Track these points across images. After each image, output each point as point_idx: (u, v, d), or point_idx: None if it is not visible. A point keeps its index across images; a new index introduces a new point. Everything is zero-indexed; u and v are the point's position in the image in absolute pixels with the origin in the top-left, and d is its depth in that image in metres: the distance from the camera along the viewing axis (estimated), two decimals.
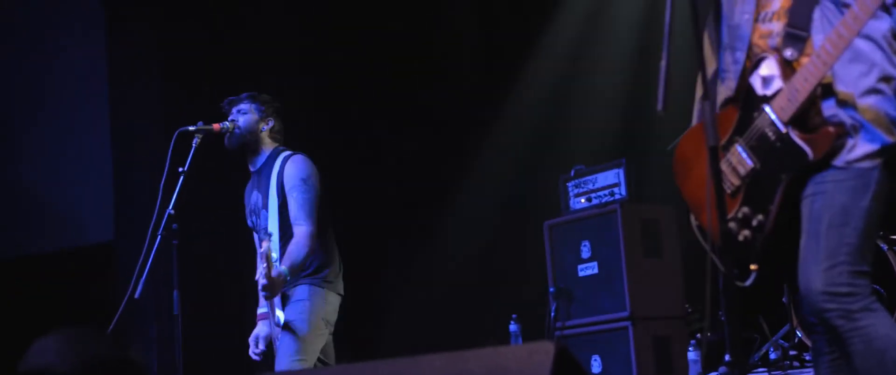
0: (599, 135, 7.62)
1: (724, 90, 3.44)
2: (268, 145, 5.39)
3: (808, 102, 3.13)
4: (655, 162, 7.17)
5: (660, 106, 2.91)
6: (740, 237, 3.31)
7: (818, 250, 3.11)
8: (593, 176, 7.23)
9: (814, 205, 3.16)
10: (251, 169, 5.42)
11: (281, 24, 8.36)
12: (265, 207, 5.29)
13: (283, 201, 5.23)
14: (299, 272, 5.14)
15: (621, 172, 7.08)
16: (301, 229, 5.16)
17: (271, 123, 5.39)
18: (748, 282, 3.30)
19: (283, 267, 5.01)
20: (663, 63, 2.96)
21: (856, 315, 3.06)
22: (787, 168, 3.18)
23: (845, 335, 3.07)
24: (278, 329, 5.12)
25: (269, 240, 4.95)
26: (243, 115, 5.36)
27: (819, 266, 3.09)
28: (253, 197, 5.40)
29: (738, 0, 3.40)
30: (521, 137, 8.01)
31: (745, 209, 3.31)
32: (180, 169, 5.17)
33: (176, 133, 5.21)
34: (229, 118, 5.35)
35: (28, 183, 8.72)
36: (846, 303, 3.06)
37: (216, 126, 5.30)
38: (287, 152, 5.36)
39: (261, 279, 4.93)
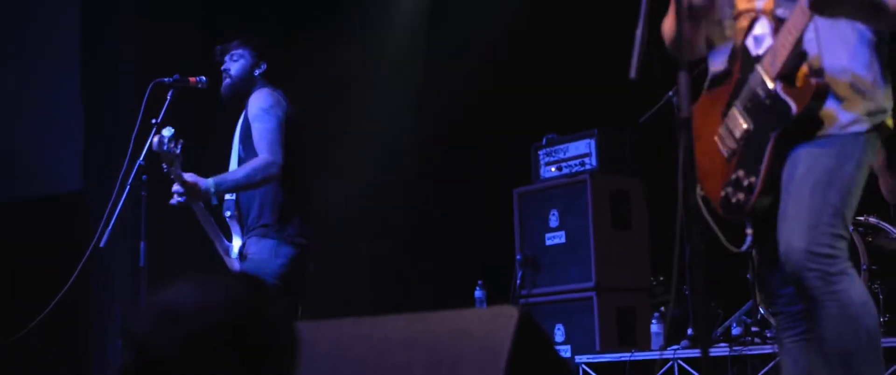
0: (572, 104, 7.60)
1: (718, 65, 3.45)
2: (260, 89, 5.21)
3: (793, 57, 3.13)
4: (628, 133, 7.19)
5: (632, 73, 2.90)
6: (733, 200, 3.31)
7: (801, 209, 3.10)
8: (565, 145, 7.24)
9: (798, 168, 3.16)
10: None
11: None
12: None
13: (245, 134, 5.04)
14: (230, 190, 4.91)
15: (593, 142, 7.08)
16: (260, 157, 4.91)
17: (264, 67, 5.26)
18: (744, 248, 3.29)
19: (211, 180, 4.79)
20: (639, 31, 2.94)
21: (833, 278, 3.06)
22: (774, 125, 3.17)
23: (821, 297, 3.06)
24: (235, 262, 4.97)
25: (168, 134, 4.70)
26: (236, 61, 5.22)
27: (802, 224, 3.08)
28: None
29: None
30: (493, 103, 7.98)
31: (740, 172, 3.30)
32: (153, 120, 5.09)
33: (151, 84, 5.14)
34: (223, 67, 5.22)
35: None
36: (825, 265, 3.06)
37: (192, 79, 5.21)
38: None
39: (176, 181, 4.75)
